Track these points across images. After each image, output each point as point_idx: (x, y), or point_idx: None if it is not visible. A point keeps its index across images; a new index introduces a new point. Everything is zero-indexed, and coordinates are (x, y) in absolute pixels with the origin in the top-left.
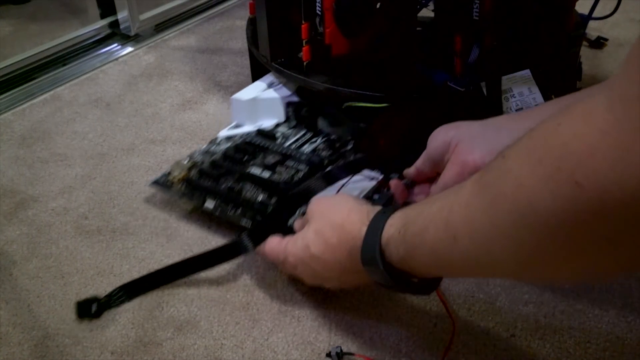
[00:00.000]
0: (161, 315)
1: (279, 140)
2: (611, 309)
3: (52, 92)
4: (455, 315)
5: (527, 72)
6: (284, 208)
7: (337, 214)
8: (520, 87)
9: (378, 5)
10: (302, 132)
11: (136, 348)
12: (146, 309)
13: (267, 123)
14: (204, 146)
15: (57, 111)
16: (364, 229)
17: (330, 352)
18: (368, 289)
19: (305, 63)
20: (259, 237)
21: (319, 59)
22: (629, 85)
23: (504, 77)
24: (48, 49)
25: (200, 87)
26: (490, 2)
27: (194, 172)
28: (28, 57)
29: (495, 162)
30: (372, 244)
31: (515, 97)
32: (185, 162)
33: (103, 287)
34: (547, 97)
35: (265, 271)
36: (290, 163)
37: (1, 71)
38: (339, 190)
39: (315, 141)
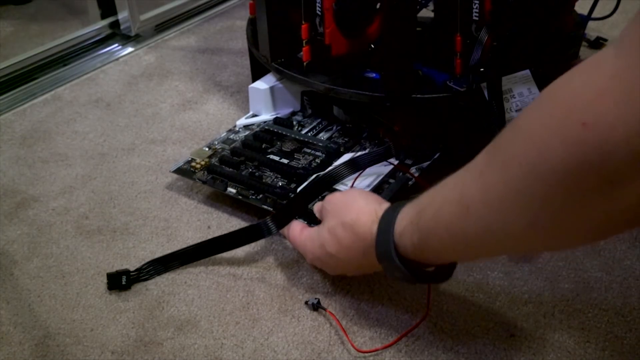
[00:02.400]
0: (161, 314)
1: (295, 128)
2: (610, 309)
3: (52, 92)
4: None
5: (527, 72)
6: (307, 194)
7: (347, 215)
8: (520, 88)
9: (378, 6)
10: (317, 120)
11: (137, 348)
12: (146, 309)
13: (284, 112)
14: (223, 134)
15: (58, 111)
16: (375, 227)
17: (307, 301)
18: (368, 289)
19: (305, 63)
20: (281, 221)
21: (319, 59)
22: (638, 34)
23: (503, 78)
24: (49, 49)
25: (201, 87)
26: (490, 2)
27: (214, 160)
28: (29, 57)
29: (506, 128)
30: (385, 241)
31: (515, 97)
32: (206, 150)
33: (104, 287)
34: None
35: (265, 271)
36: (307, 150)
37: (2, 71)
38: (357, 176)
39: (331, 129)
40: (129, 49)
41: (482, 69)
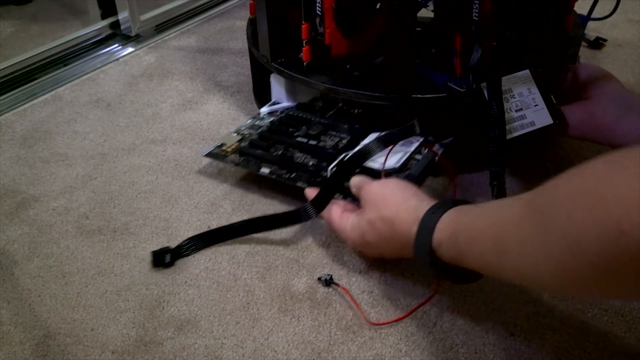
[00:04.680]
0: (162, 314)
1: (318, 113)
2: (610, 309)
3: (53, 93)
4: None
5: (526, 73)
6: (341, 173)
7: (387, 209)
8: (520, 88)
9: (378, 6)
10: (339, 104)
11: (137, 347)
12: (147, 309)
13: (304, 98)
14: (249, 121)
15: (58, 111)
16: (414, 229)
17: (320, 277)
18: (368, 289)
19: (305, 63)
20: (320, 205)
21: (319, 59)
22: None
23: (503, 78)
24: (49, 49)
25: (201, 87)
26: (490, 2)
27: (244, 144)
28: (29, 57)
29: (547, 190)
30: (422, 246)
31: (515, 97)
32: (234, 136)
33: (104, 287)
34: (546, 98)
35: (265, 271)
36: (332, 132)
37: (2, 71)
38: (388, 153)
39: (353, 112)
40: (129, 49)
41: (482, 69)
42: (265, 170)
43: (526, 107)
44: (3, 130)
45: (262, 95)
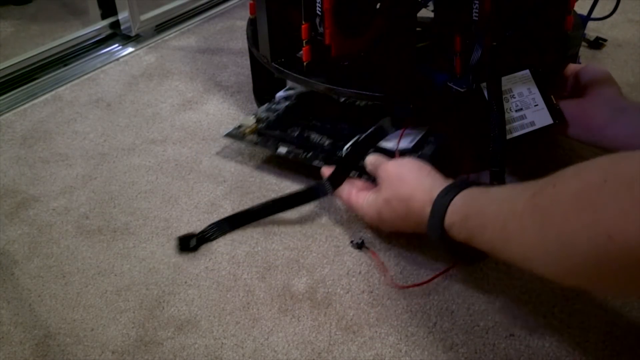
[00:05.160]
0: (162, 314)
1: (333, 97)
2: (610, 308)
3: (53, 93)
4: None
5: (526, 72)
6: (356, 152)
7: (403, 188)
8: (520, 88)
9: (378, 6)
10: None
11: (137, 347)
12: (147, 309)
13: None
14: (265, 105)
15: (58, 111)
16: (427, 210)
17: (352, 240)
18: (367, 289)
19: (305, 63)
20: (337, 182)
21: (319, 59)
22: None
23: (503, 78)
24: (49, 49)
25: (201, 87)
26: (490, 2)
27: (262, 125)
28: (29, 57)
29: (548, 189)
30: (435, 226)
31: (515, 97)
32: (251, 118)
33: (104, 287)
34: (546, 98)
35: (265, 271)
36: (348, 114)
37: (2, 72)
38: (402, 134)
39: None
40: (129, 49)
41: (482, 69)
42: (282, 149)
43: (526, 107)
44: (3, 130)
45: (262, 95)
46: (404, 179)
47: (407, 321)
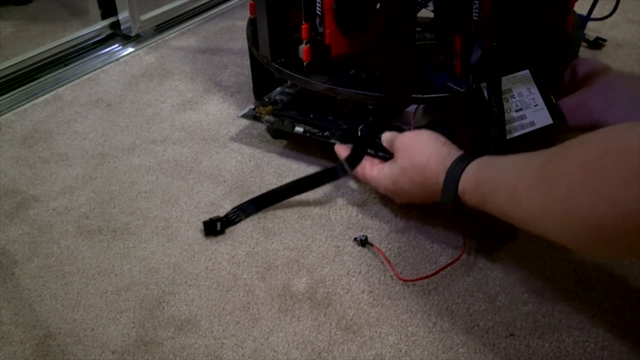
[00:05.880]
0: (162, 314)
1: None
2: (610, 308)
3: (53, 93)
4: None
5: (527, 73)
6: (372, 131)
7: (419, 157)
8: (520, 88)
9: (378, 6)
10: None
11: (137, 347)
12: (147, 308)
13: None
14: (278, 89)
15: (59, 111)
16: (442, 178)
17: (356, 238)
18: (368, 289)
19: (305, 63)
20: (355, 162)
21: (319, 59)
22: None
23: (503, 78)
24: (49, 49)
25: (201, 88)
26: (490, 2)
27: (278, 106)
28: (29, 57)
29: (556, 158)
30: (449, 195)
31: (515, 97)
32: (266, 100)
33: (104, 287)
34: (546, 98)
35: (265, 271)
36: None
37: (3, 72)
38: (415, 111)
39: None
40: (130, 49)
41: (482, 69)
42: (299, 129)
43: (526, 107)
44: (3, 130)
45: (262, 95)
46: (420, 148)
47: (407, 321)
